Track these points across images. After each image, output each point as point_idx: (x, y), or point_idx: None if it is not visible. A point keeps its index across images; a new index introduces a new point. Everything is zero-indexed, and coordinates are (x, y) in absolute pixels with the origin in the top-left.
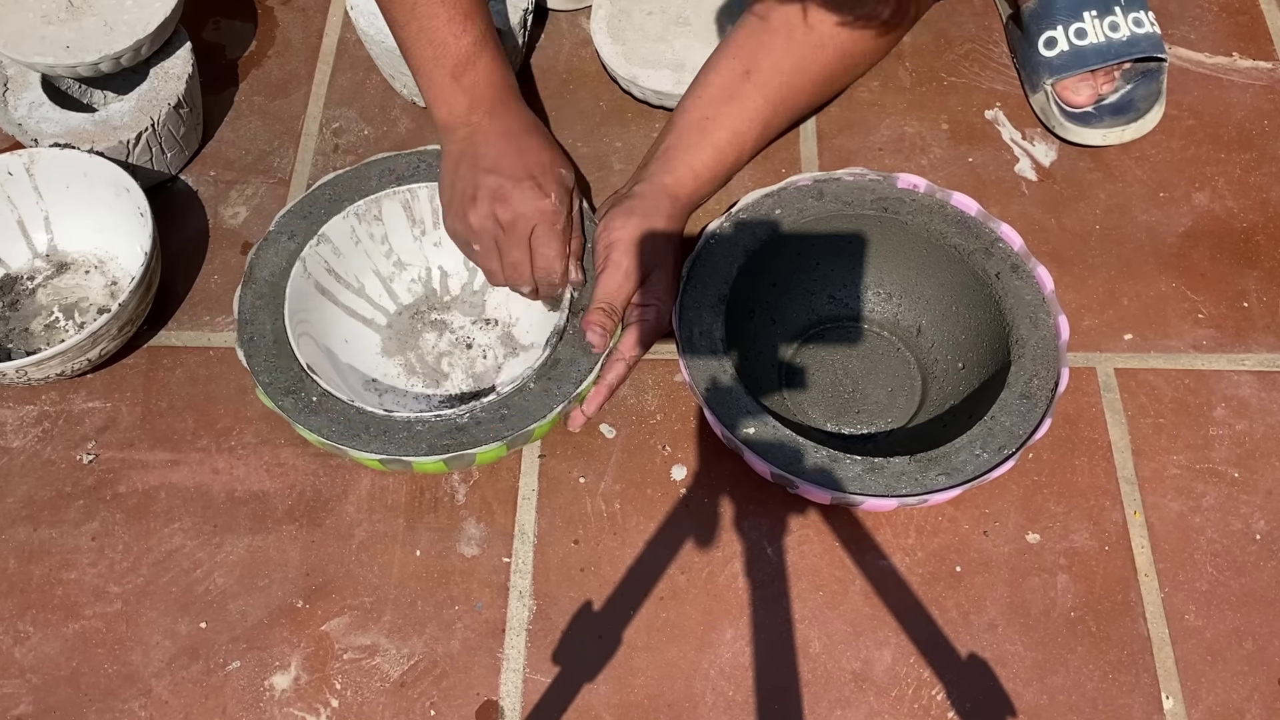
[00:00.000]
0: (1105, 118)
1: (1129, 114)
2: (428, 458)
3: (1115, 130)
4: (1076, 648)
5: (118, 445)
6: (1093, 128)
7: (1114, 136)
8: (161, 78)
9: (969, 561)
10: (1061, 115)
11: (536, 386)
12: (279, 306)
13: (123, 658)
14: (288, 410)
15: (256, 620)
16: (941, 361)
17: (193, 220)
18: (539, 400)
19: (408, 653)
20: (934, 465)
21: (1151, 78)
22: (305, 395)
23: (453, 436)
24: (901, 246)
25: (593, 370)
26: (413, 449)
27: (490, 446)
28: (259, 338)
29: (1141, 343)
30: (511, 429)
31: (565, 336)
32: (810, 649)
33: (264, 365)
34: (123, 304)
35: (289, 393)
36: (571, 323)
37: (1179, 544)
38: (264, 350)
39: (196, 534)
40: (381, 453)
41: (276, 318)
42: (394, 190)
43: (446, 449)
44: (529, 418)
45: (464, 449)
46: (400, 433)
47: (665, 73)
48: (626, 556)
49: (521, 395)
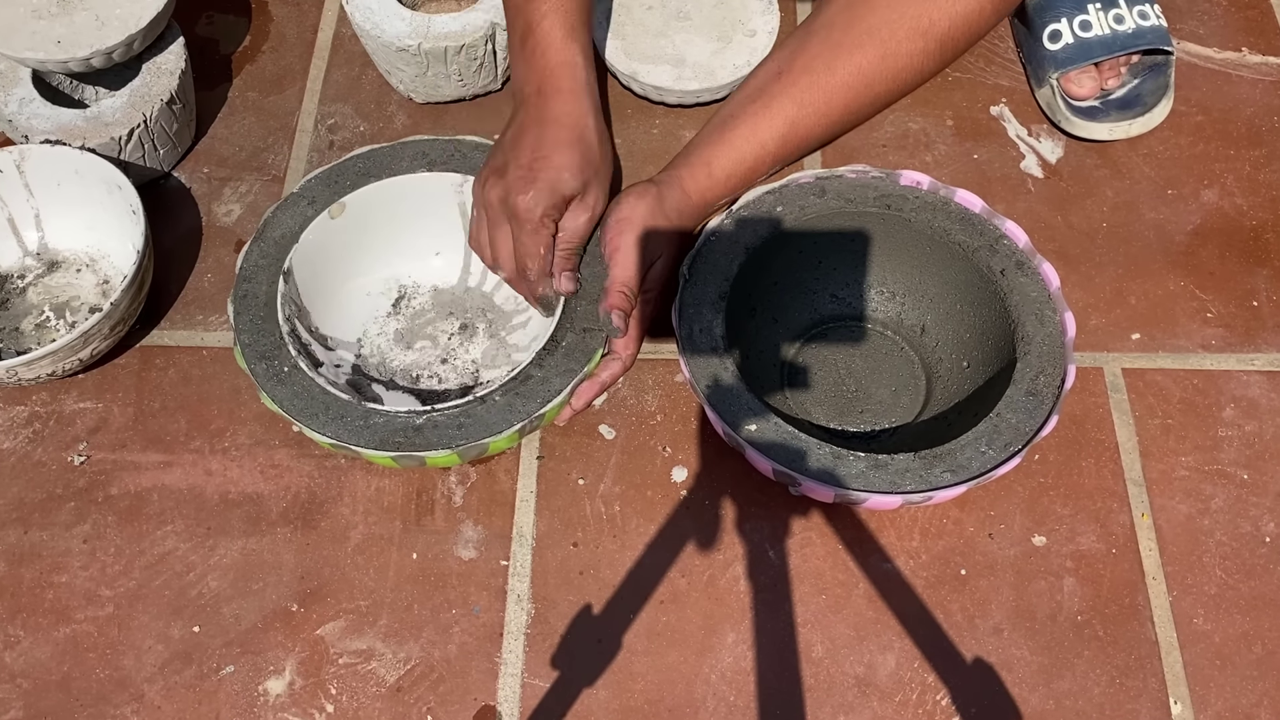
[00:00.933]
0: (1112, 112)
1: (1136, 108)
2: (376, 451)
3: (1122, 125)
4: (1083, 652)
5: (110, 446)
6: (1099, 122)
7: (1121, 131)
8: (154, 73)
9: (974, 564)
10: (1068, 110)
11: (502, 400)
12: (279, 269)
13: (114, 662)
14: (258, 375)
15: (250, 624)
16: (946, 360)
17: (186, 218)
18: (500, 414)
19: (404, 657)
20: (939, 462)
21: (1159, 71)
22: (278, 364)
23: (405, 435)
24: (905, 244)
25: (562, 393)
26: (364, 439)
27: (440, 453)
28: (251, 296)
29: (1149, 342)
30: (466, 438)
31: (554, 351)
32: (813, 653)
33: (248, 325)
34: (115, 303)
35: (264, 358)
36: (561, 335)
37: (1187, 547)
38: (252, 310)
39: (189, 536)
40: (333, 437)
41: (273, 280)
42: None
43: (397, 446)
44: (485, 430)
45: (415, 450)
46: (356, 420)
47: (665, 68)
48: (626, 559)
49: (484, 407)
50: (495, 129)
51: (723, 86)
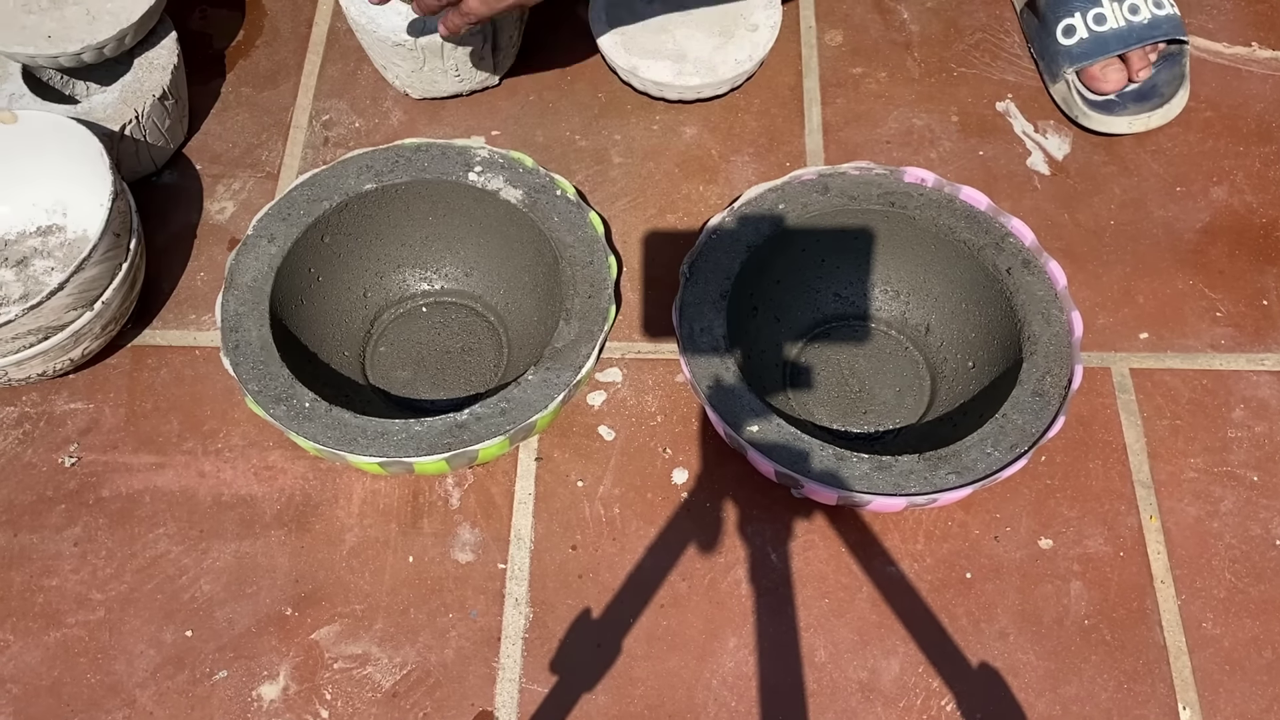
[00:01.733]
0: (1129, 105)
1: (1153, 100)
2: (429, 458)
3: (1141, 117)
4: (1090, 656)
5: (101, 448)
6: (1117, 115)
7: (1140, 124)
8: (146, 68)
9: (979, 567)
10: (1085, 104)
11: (535, 378)
12: (263, 312)
13: (106, 667)
14: (280, 419)
15: (244, 628)
16: (951, 360)
17: (178, 216)
18: (539, 391)
19: (400, 662)
20: (944, 464)
21: (1174, 61)
22: (297, 402)
23: (453, 435)
24: (909, 242)
25: (590, 358)
26: (412, 450)
27: (493, 442)
28: (245, 345)
29: (1158, 342)
30: (512, 422)
31: (570, 319)
32: (815, 658)
33: (251, 373)
34: (106, 301)
35: (280, 400)
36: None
37: (1196, 549)
38: (250, 357)
39: (182, 539)
40: (381, 455)
41: (262, 323)
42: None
43: (447, 447)
44: (529, 410)
45: (465, 445)
46: (398, 434)
47: (666, 63)
48: (626, 562)
49: (521, 388)
50: (493, 125)
51: (724, 81)
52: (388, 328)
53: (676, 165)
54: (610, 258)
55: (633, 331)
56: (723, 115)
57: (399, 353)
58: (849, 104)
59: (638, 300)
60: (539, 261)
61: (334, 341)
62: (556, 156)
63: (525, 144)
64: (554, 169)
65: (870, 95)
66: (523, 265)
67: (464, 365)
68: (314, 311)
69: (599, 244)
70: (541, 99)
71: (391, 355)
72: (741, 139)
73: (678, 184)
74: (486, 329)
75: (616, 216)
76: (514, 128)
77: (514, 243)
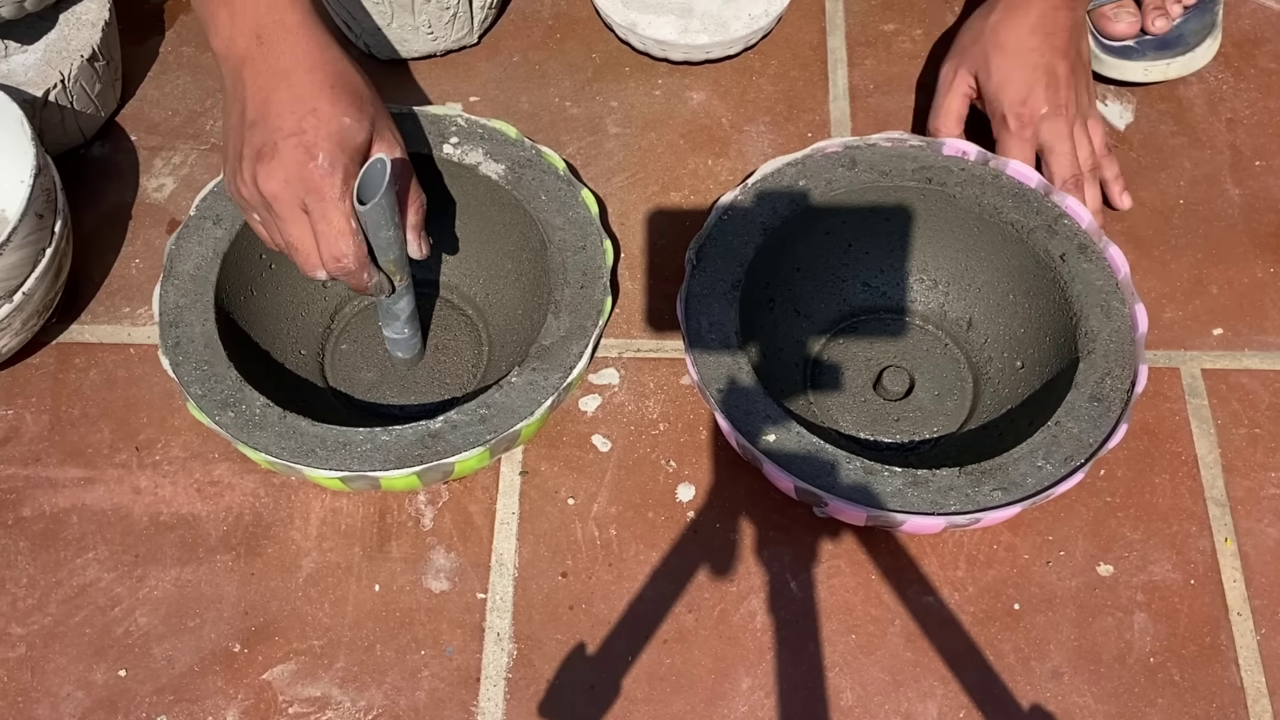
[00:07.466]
0: (1149, 52)
1: (1176, 48)
2: (397, 471)
3: (1159, 65)
4: (1157, 699)
5: (21, 460)
6: (1133, 61)
7: (1157, 72)
8: (73, 25)
9: (1029, 597)
10: (1098, 48)
11: (520, 381)
12: (208, 304)
13: (28, 712)
14: (227, 427)
15: (185, 667)
16: (996, 360)
17: (110, 194)
18: (523, 395)
19: (365, 706)
20: (988, 478)
21: (1205, 9)
22: (246, 407)
23: (426, 445)
24: (949, 224)
25: (583, 358)
26: (379, 462)
27: (471, 453)
28: (186, 341)
29: (1234, 339)
30: (494, 431)
31: (558, 313)
32: (842, 701)
33: (194, 375)
34: (27, 293)
35: (227, 405)
36: (559, 292)
37: (1278, 577)
38: (193, 356)
39: (114, 565)
40: (343, 469)
41: (206, 318)
42: None
43: (419, 459)
44: (513, 416)
45: (440, 458)
46: (363, 445)
47: (669, 19)
48: (624, 591)
49: (503, 392)
50: (470, 91)
51: (735, 40)
52: (350, 322)
53: (681, 136)
54: (606, 242)
55: (631, 327)
56: (734, 79)
57: (364, 351)
58: (879, 65)
59: (637, 291)
60: (524, 247)
61: (289, 338)
62: (544, 126)
63: (508, 112)
64: (541, 140)
65: (904, 55)
66: (505, 251)
67: (438, 366)
68: (266, 304)
69: (592, 226)
70: (527, 60)
71: (355, 354)
72: (756, 106)
73: (683, 158)
74: (464, 324)
75: (613, 195)
76: (495, 93)
77: (495, 225)
